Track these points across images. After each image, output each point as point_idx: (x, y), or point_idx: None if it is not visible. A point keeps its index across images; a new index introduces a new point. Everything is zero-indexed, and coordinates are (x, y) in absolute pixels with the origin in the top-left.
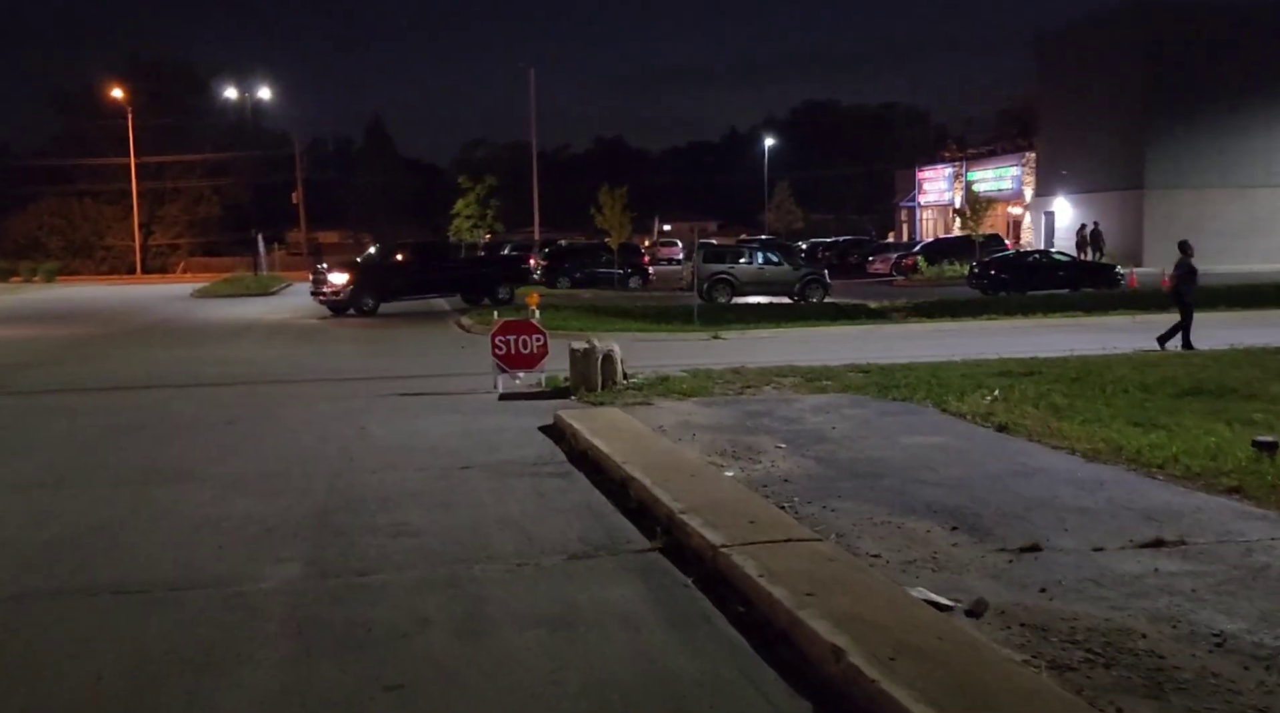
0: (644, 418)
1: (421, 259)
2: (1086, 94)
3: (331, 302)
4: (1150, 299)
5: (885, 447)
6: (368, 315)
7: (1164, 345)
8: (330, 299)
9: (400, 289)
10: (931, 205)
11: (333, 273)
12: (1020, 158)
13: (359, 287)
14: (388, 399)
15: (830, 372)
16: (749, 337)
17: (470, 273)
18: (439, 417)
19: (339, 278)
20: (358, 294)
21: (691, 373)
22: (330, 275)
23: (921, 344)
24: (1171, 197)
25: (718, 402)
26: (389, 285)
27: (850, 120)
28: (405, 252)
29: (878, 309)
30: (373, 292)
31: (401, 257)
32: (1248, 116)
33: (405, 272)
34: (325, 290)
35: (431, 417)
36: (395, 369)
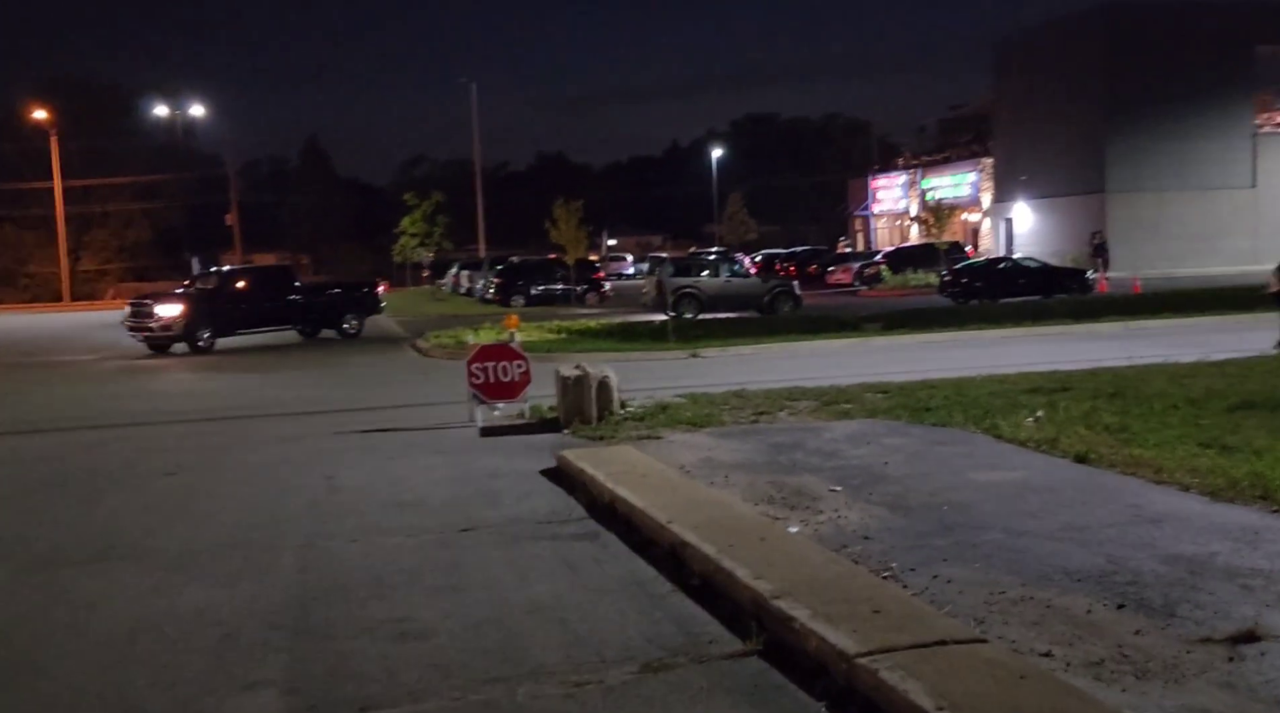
0: (661, 456)
1: (263, 286)
2: (1045, 99)
3: (158, 338)
4: (1133, 304)
5: (958, 486)
6: (202, 352)
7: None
8: (157, 335)
9: (241, 321)
10: (886, 213)
11: (162, 304)
12: (977, 164)
13: (193, 319)
14: (353, 437)
15: (844, 393)
16: (729, 354)
17: (313, 303)
18: (418, 459)
19: (170, 309)
20: (192, 327)
21: (690, 398)
22: (159, 307)
23: (917, 358)
24: (1132, 200)
25: (735, 433)
26: (229, 317)
27: (793, 132)
28: (247, 277)
29: (852, 321)
30: (210, 324)
31: (244, 283)
32: (1205, 119)
33: (247, 301)
34: (151, 324)
35: (409, 459)
36: (355, 400)
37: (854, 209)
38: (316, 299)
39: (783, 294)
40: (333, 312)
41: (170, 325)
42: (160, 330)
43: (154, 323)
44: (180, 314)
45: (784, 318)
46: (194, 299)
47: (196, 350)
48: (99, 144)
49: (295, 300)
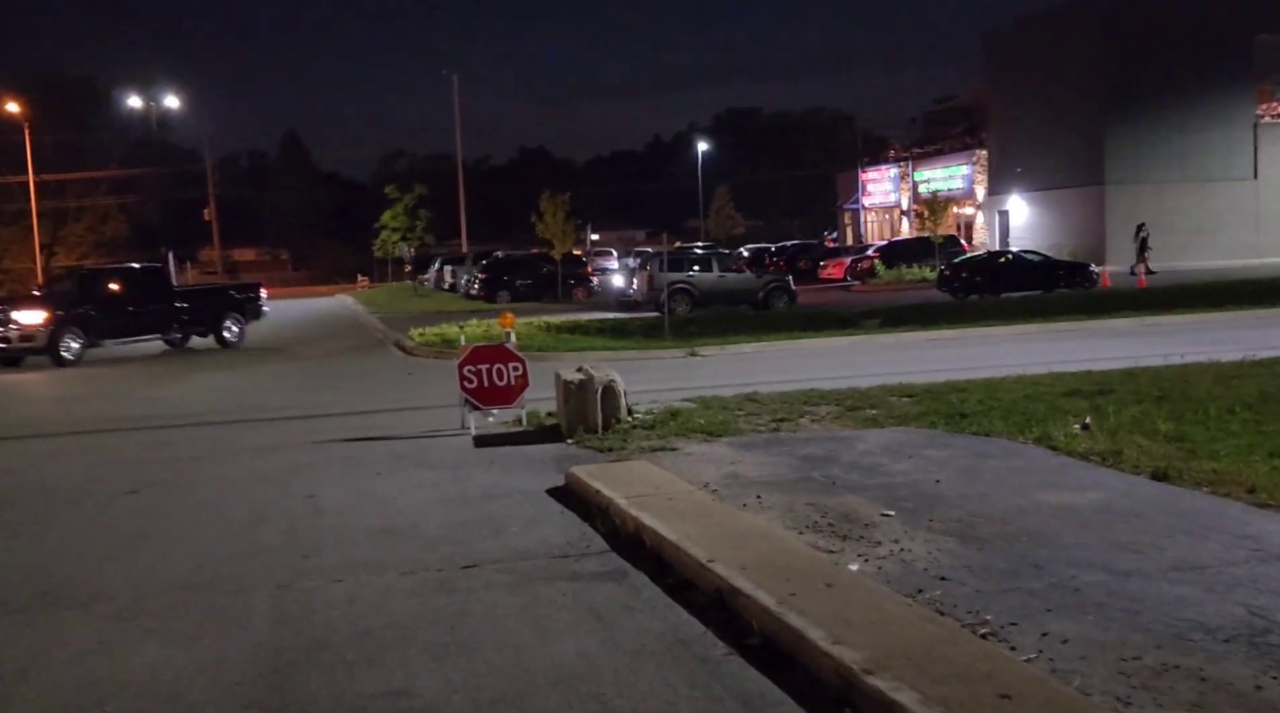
0: (681, 472)
1: (135, 289)
2: (1041, 89)
3: (16, 351)
4: (1143, 298)
5: (1028, 509)
6: (70, 366)
7: None
8: (14, 347)
9: (115, 329)
10: (877, 207)
11: (22, 311)
12: (970, 156)
13: (59, 327)
14: (335, 448)
15: (866, 396)
16: (729, 352)
17: (186, 307)
18: (407, 474)
19: (32, 316)
20: (56, 337)
21: (701, 403)
22: (17, 313)
23: (927, 357)
24: (1132, 192)
25: (757, 444)
26: (100, 325)
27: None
28: (115, 279)
29: (850, 317)
30: (79, 333)
31: (114, 286)
32: (1206, 110)
33: (118, 306)
34: (8, 334)
35: (398, 475)
36: (335, 404)
37: (843, 202)
38: (193, 304)
39: (778, 290)
40: (210, 317)
41: (33, 333)
42: (19, 341)
43: (14, 331)
44: (43, 321)
45: (780, 314)
46: (58, 304)
47: (61, 364)
48: (74, 138)
49: (172, 305)
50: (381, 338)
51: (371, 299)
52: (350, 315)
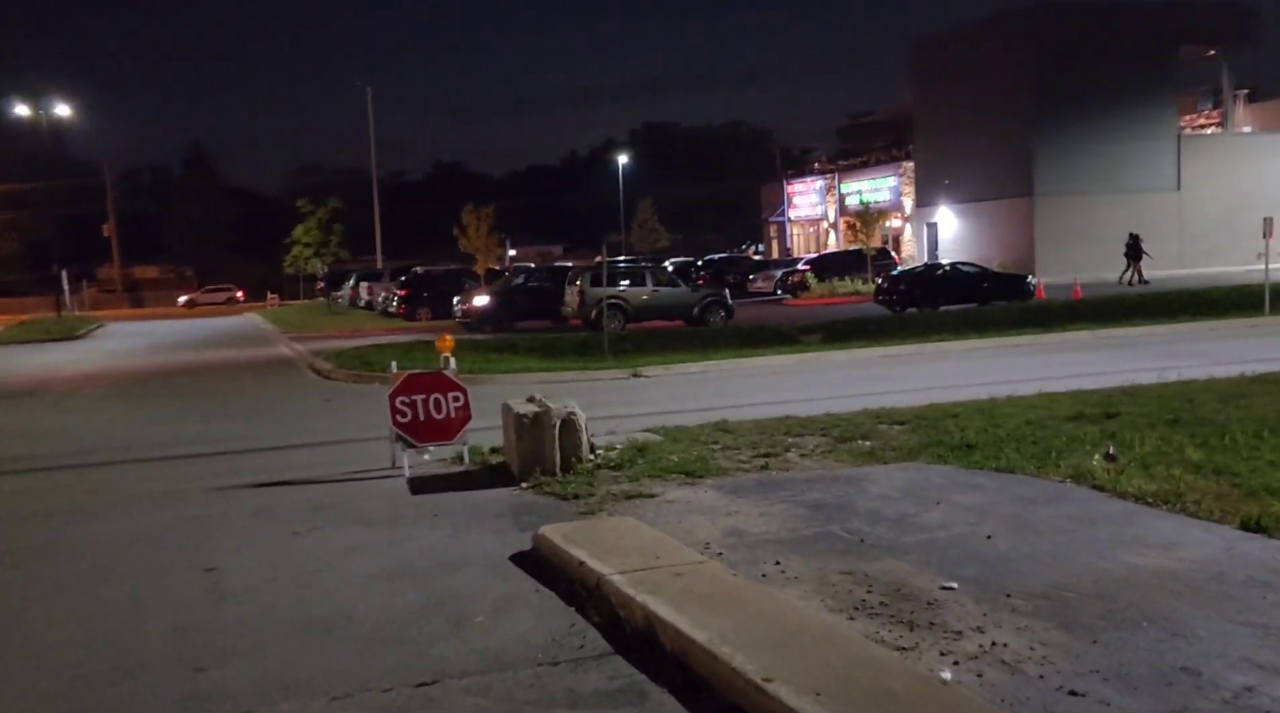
0: (671, 527)
1: None
2: (969, 101)
3: None
4: (1088, 310)
5: (1121, 578)
6: None
7: None
8: None
9: None
10: (803, 219)
11: None
12: (897, 168)
13: None
14: (242, 496)
15: (851, 423)
16: (675, 372)
17: None
18: (333, 533)
19: None
20: None
21: (666, 434)
22: None
23: (888, 375)
24: (1060, 203)
25: (749, 487)
26: None
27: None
28: None
29: (789, 333)
30: None
31: None
32: (1131, 122)
33: None
34: None
35: (321, 534)
36: (243, 437)
37: (768, 215)
38: None
39: (714, 304)
40: None
41: None
42: None
43: None
44: None
45: (718, 330)
46: None
47: None
48: None
49: None
50: (294, 360)
51: (282, 318)
52: (259, 335)
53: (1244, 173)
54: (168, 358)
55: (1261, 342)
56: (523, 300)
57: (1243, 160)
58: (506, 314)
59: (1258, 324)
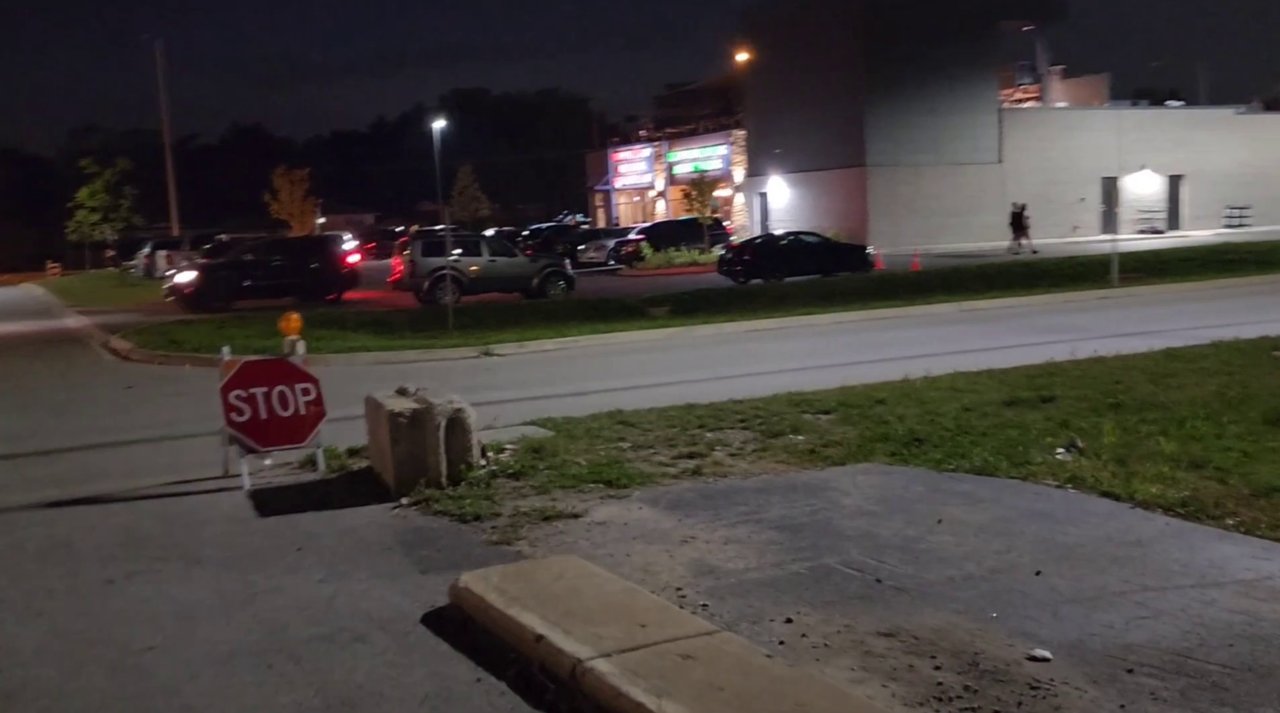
0: (621, 565)
1: None
2: (801, 70)
3: None
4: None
5: (1249, 630)
6: None
7: None
8: None
9: None
10: (629, 188)
11: None
12: (728, 136)
13: None
14: (32, 520)
15: (769, 412)
16: (529, 351)
17: None
18: (163, 581)
19: None
20: None
21: (557, 428)
22: None
23: (767, 352)
24: (891, 174)
25: (691, 501)
26: None
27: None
28: None
29: (637, 306)
30: None
31: None
32: (955, 94)
33: None
34: None
35: (146, 583)
36: (27, 434)
37: (594, 184)
38: None
39: (553, 275)
40: None
41: None
42: None
43: None
44: None
45: (560, 303)
46: None
47: None
48: None
49: None
50: (84, 340)
51: (68, 289)
52: (41, 308)
53: (1060, 146)
54: None
55: (1125, 313)
56: (242, 276)
57: (1059, 134)
58: (223, 291)
59: (1108, 295)
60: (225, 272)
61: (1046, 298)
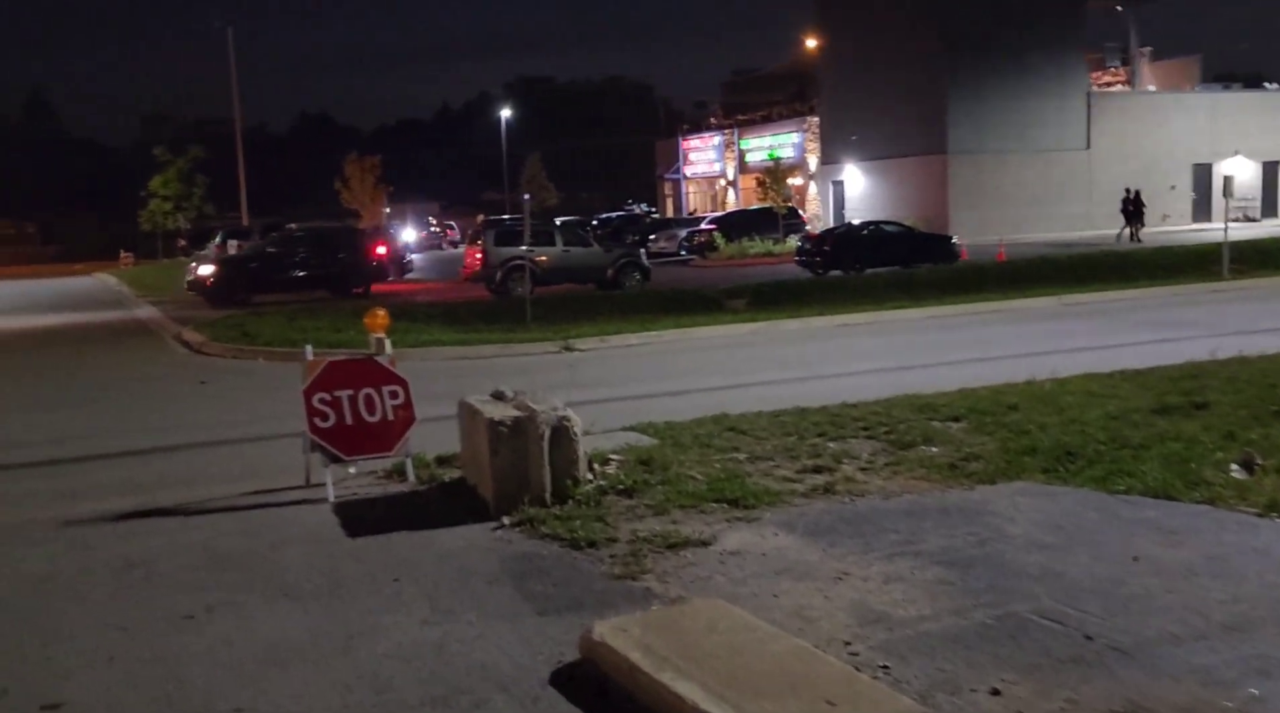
0: (772, 610)
1: None
2: (880, 54)
3: None
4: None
5: None
6: None
7: None
8: None
9: None
10: (699, 177)
11: None
12: (801, 123)
13: None
14: (106, 535)
15: (890, 417)
16: (611, 346)
17: None
18: (249, 617)
19: None
20: None
21: (663, 436)
22: None
23: (864, 349)
24: (974, 162)
25: (832, 526)
26: None
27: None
28: None
29: (715, 297)
30: None
31: None
32: (1042, 78)
33: None
34: None
35: (230, 620)
36: (101, 433)
37: (663, 172)
38: None
39: (629, 265)
40: None
41: None
42: None
43: None
44: None
45: (636, 295)
46: None
47: None
48: None
49: None
50: (156, 331)
51: (139, 279)
52: (113, 298)
53: (1150, 132)
54: (6, 325)
55: (1243, 307)
56: (265, 268)
57: (1149, 119)
58: (244, 284)
59: (1219, 288)
60: (247, 264)
61: (1152, 291)
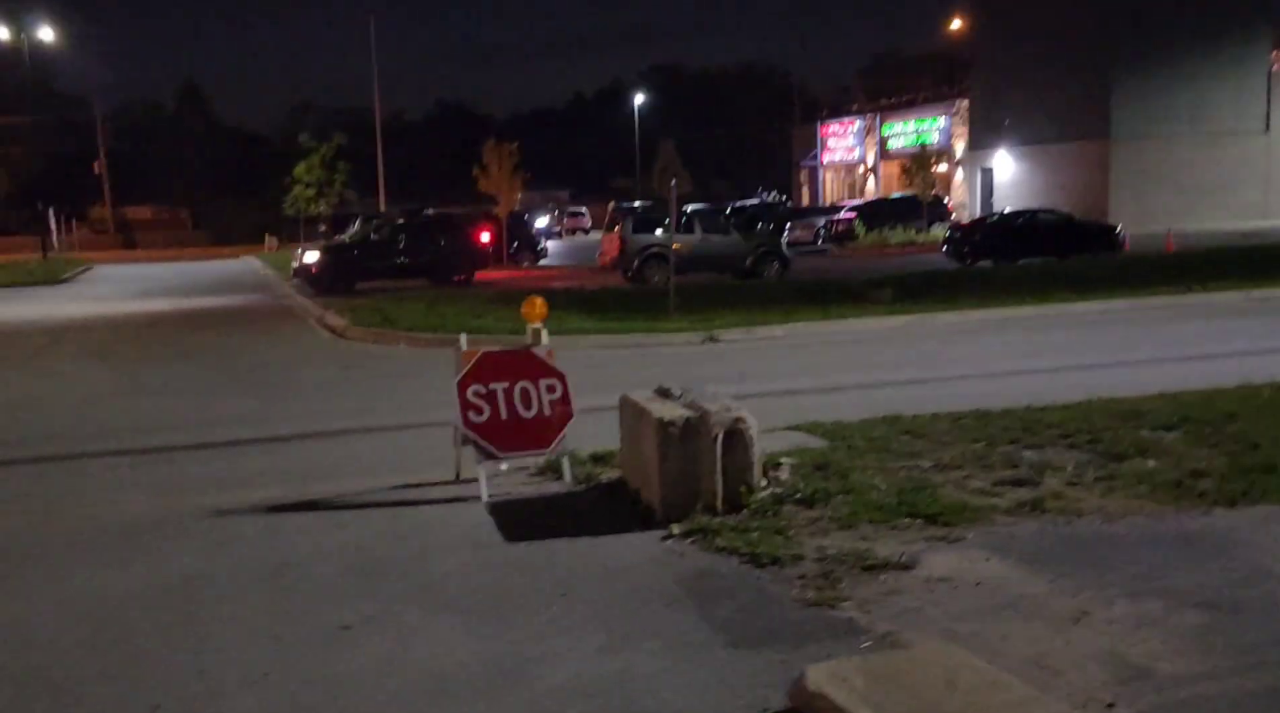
0: (1004, 656)
1: None
2: (1038, 32)
3: None
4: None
5: None
6: None
7: None
8: None
9: None
10: (837, 164)
11: None
12: (949, 107)
13: None
14: (254, 530)
15: (1089, 423)
16: (758, 336)
17: None
18: (407, 632)
19: None
20: None
21: (831, 437)
22: None
23: (1032, 345)
24: (1139, 147)
25: (1055, 554)
26: None
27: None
28: None
29: (857, 288)
30: None
31: None
32: (1218, 57)
33: None
34: None
35: (387, 635)
36: (249, 419)
37: (800, 159)
38: None
39: (768, 254)
40: None
41: None
42: None
43: None
44: None
45: (774, 285)
46: None
47: None
48: None
49: None
50: (300, 314)
51: (283, 263)
52: (259, 282)
53: None
54: (159, 307)
55: None
56: (368, 256)
57: None
58: (348, 272)
59: None
60: (350, 252)
61: None
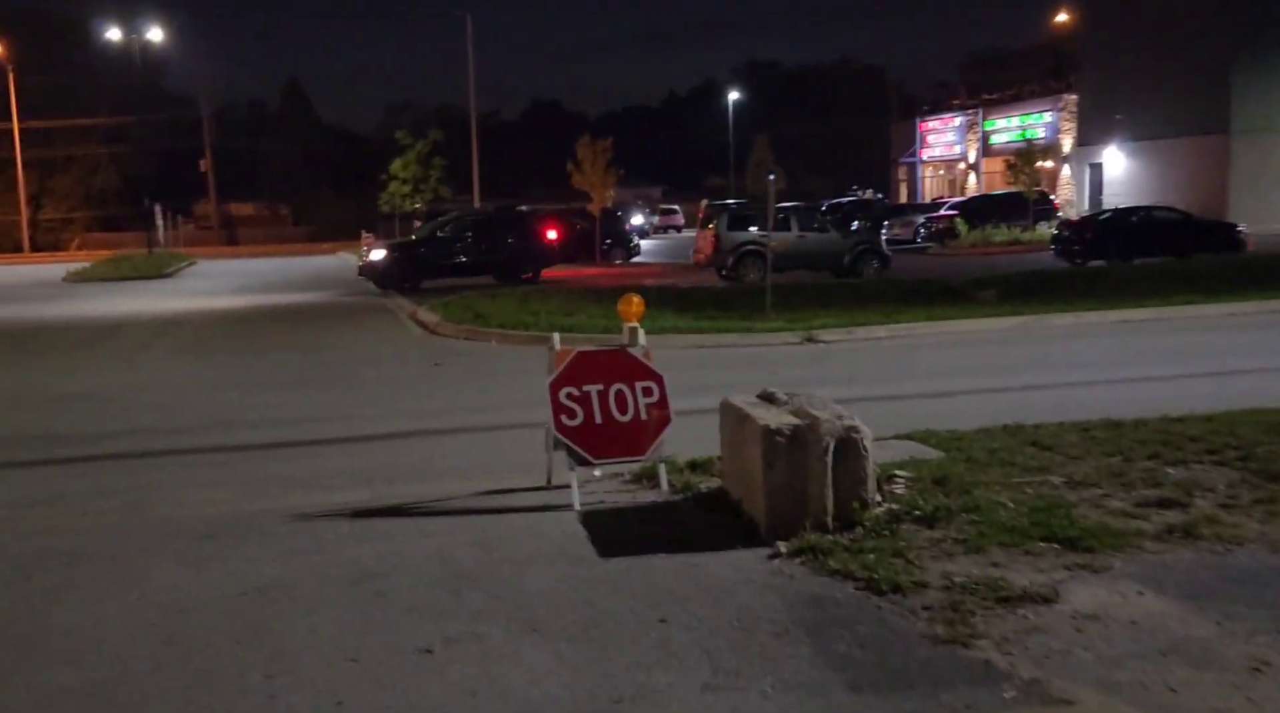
0: None
1: None
2: (1152, 22)
3: None
4: None
5: None
6: None
7: None
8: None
9: None
10: (936, 160)
11: None
12: (1056, 101)
13: None
14: (338, 536)
15: (1246, 441)
16: (859, 337)
17: None
18: (496, 657)
19: None
20: None
21: (944, 446)
22: None
23: (1156, 351)
24: (1262, 143)
25: (1223, 591)
26: None
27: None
28: None
29: (960, 287)
30: None
31: None
32: None
33: None
34: None
35: (474, 660)
36: (336, 415)
37: (898, 156)
38: None
39: (867, 252)
40: None
41: None
42: None
43: None
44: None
45: (874, 283)
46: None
47: None
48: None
49: None
50: (393, 309)
51: None
52: (355, 279)
53: None
54: (256, 302)
55: None
56: (434, 254)
57: None
58: (414, 270)
59: None
60: (416, 250)
61: None
